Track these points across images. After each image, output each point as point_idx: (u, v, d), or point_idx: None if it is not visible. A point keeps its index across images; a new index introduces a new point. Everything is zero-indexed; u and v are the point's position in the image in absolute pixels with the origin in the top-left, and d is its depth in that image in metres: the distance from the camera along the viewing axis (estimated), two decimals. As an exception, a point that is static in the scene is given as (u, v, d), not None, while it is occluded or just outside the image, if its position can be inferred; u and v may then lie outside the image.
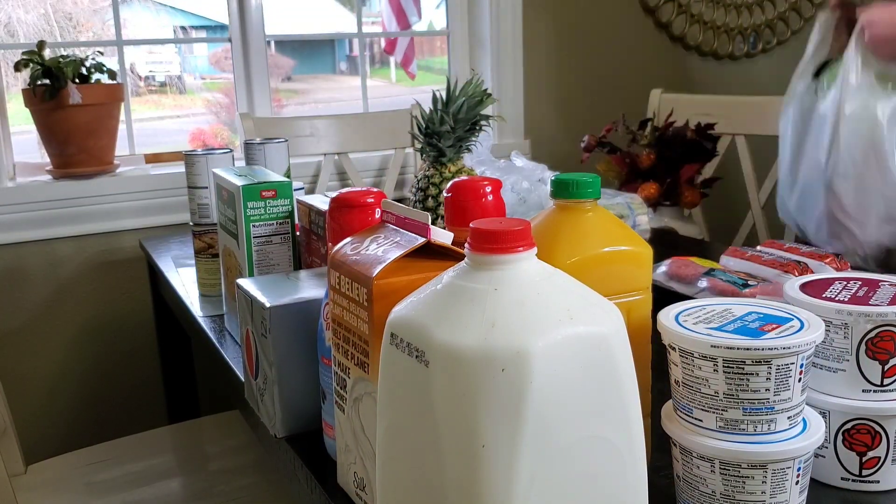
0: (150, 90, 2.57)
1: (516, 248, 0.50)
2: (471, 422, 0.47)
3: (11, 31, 2.12)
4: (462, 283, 0.50)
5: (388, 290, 0.60)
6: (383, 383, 0.54)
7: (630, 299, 0.67)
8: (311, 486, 0.75)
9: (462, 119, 1.23)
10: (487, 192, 0.75)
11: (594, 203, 0.69)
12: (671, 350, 0.63)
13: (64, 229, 1.90)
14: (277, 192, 1.00)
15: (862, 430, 0.67)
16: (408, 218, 0.65)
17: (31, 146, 2.04)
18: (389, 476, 0.55)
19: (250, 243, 0.99)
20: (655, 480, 0.67)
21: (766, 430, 0.60)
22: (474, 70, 2.35)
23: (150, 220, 1.96)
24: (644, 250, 0.69)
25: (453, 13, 2.37)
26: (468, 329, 0.47)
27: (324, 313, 0.73)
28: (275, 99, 2.27)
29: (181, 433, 1.59)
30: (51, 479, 1.40)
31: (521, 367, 0.46)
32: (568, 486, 0.49)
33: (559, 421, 0.47)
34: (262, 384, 0.83)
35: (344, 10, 2.69)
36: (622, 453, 0.51)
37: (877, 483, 0.68)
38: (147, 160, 2.09)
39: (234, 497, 1.33)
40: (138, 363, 2.01)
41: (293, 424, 0.82)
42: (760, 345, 0.58)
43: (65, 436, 1.96)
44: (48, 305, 1.93)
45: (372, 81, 2.48)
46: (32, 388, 1.94)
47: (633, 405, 0.51)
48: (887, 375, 0.66)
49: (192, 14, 2.68)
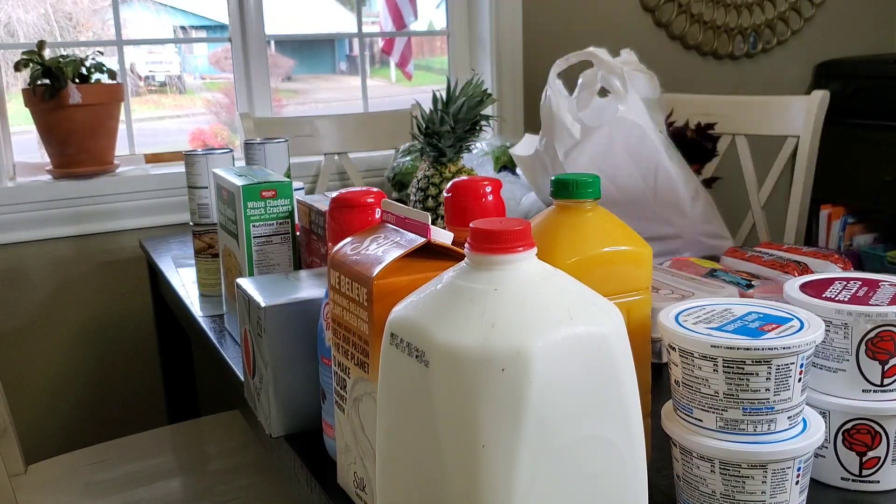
0: (150, 90, 2.57)
1: (516, 248, 0.50)
2: (471, 422, 0.47)
3: (11, 31, 2.12)
4: (462, 283, 0.50)
5: (388, 290, 0.60)
6: (383, 383, 0.54)
7: (630, 299, 0.67)
8: (310, 486, 0.75)
9: (462, 119, 1.23)
10: (487, 192, 0.75)
11: (594, 203, 0.69)
12: (671, 350, 0.63)
13: (64, 229, 1.90)
14: (277, 192, 1.00)
15: (862, 430, 0.67)
16: (408, 218, 0.65)
17: (31, 146, 2.04)
18: (389, 476, 0.55)
19: (250, 243, 0.99)
20: (655, 480, 0.67)
21: (766, 430, 0.60)
22: (474, 70, 2.35)
23: (150, 220, 1.96)
24: (644, 250, 0.69)
25: (453, 13, 2.37)
26: (468, 329, 0.47)
27: (324, 313, 0.73)
28: (275, 99, 2.27)
29: (181, 433, 1.59)
30: (51, 479, 1.40)
31: (521, 367, 0.46)
32: (568, 486, 0.49)
33: (559, 421, 0.47)
34: (259, 384, 0.83)
35: (344, 10, 2.68)
36: (622, 453, 0.51)
37: (877, 483, 0.68)
38: (147, 160, 2.09)
39: (234, 497, 1.33)
40: (138, 363, 2.01)
41: (289, 424, 0.82)
42: (760, 345, 0.58)
43: (65, 436, 1.96)
44: (48, 305, 1.93)
45: (372, 81, 2.48)
46: (32, 388, 1.94)
47: (633, 405, 0.51)
48: (887, 375, 0.66)
49: (192, 14, 2.68)
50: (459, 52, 2.40)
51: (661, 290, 1.00)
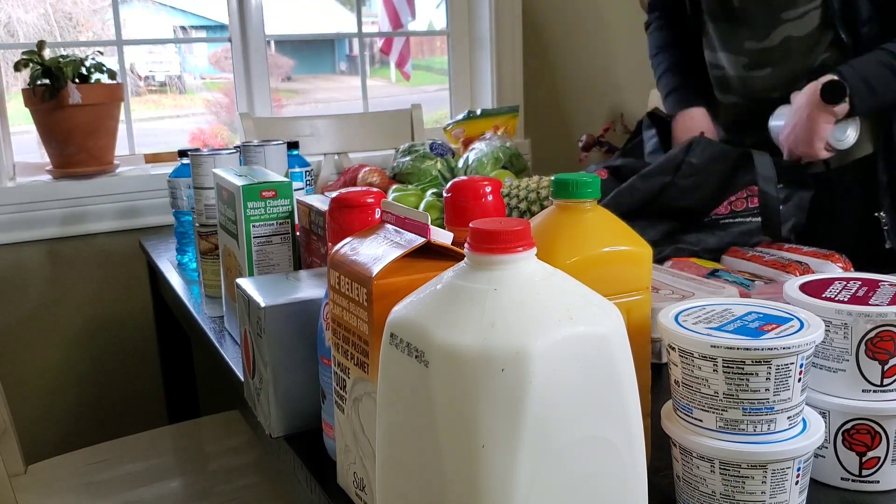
0: (150, 90, 2.57)
1: (516, 248, 0.50)
2: (470, 422, 0.47)
3: (11, 31, 2.12)
4: (462, 283, 0.50)
5: (388, 290, 0.60)
6: (383, 383, 0.54)
7: (630, 299, 0.67)
8: (311, 487, 0.75)
9: None
10: (487, 193, 0.75)
11: (594, 203, 0.68)
12: (671, 350, 0.63)
13: (64, 229, 1.90)
14: (277, 192, 1.00)
15: (862, 430, 0.67)
16: (407, 218, 0.65)
17: (31, 146, 2.04)
18: (389, 476, 0.55)
19: (250, 243, 0.99)
20: (655, 480, 0.67)
21: (765, 430, 0.60)
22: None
23: (150, 220, 1.96)
24: (644, 250, 0.69)
25: (453, 13, 2.37)
26: (468, 329, 0.47)
27: (324, 313, 0.73)
28: (275, 99, 2.27)
29: (181, 433, 1.59)
30: (51, 479, 1.40)
31: (521, 367, 0.46)
32: (568, 486, 0.49)
33: (559, 421, 0.47)
34: (259, 384, 0.83)
35: (344, 10, 2.69)
36: (622, 453, 0.51)
37: (877, 483, 0.68)
38: (147, 160, 2.09)
39: (234, 497, 1.33)
40: (138, 363, 2.01)
41: (289, 424, 0.82)
42: (760, 345, 0.58)
43: (65, 436, 1.96)
44: (48, 305, 1.93)
45: (372, 81, 2.48)
46: (32, 388, 1.94)
47: (632, 405, 0.51)
48: (887, 375, 0.66)
49: (192, 14, 2.68)
50: (459, 52, 2.40)
51: (661, 290, 1.00)
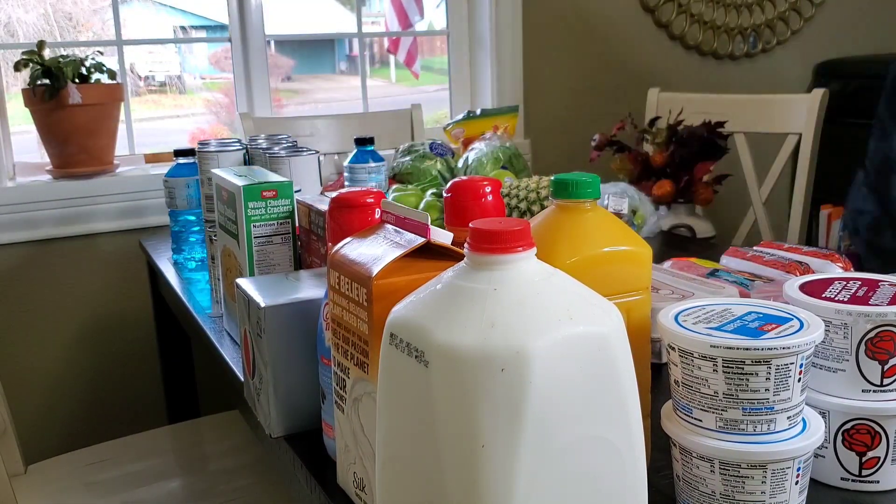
0: (150, 90, 2.56)
1: (516, 248, 0.50)
2: (470, 422, 0.47)
3: (11, 31, 2.11)
4: (461, 283, 0.50)
5: (387, 290, 0.60)
6: (383, 383, 0.54)
7: (630, 299, 0.67)
8: (310, 486, 0.75)
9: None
10: (487, 193, 0.75)
11: (594, 203, 0.68)
12: (671, 350, 0.63)
13: (64, 229, 1.90)
14: (278, 192, 1.00)
15: (861, 430, 0.67)
16: (407, 218, 0.65)
17: (31, 146, 2.04)
18: (389, 476, 0.55)
19: (251, 243, 0.99)
20: (655, 480, 0.67)
21: (765, 430, 0.60)
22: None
23: (150, 220, 1.96)
24: (644, 250, 0.69)
25: (453, 13, 2.37)
26: (468, 329, 0.47)
27: (323, 313, 0.73)
28: (275, 99, 2.27)
29: (181, 433, 1.59)
30: (51, 479, 1.40)
31: (521, 367, 0.46)
32: (568, 486, 0.49)
33: (559, 421, 0.47)
34: (259, 384, 0.83)
35: (344, 10, 2.68)
36: (622, 453, 0.51)
37: (876, 483, 0.68)
38: (147, 160, 2.09)
39: (234, 497, 1.33)
40: (138, 363, 2.01)
41: (289, 424, 0.82)
42: (760, 345, 0.58)
43: (65, 436, 1.96)
44: (48, 305, 1.93)
45: (372, 81, 2.48)
46: (32, 388, 1.94)
47: (632, 405, 0.51)
48: (887, 375, 0.66)
49: (192, 14, 2.68)
50: (459, 52, 2.40)
51: (661, 290, 1.00)
